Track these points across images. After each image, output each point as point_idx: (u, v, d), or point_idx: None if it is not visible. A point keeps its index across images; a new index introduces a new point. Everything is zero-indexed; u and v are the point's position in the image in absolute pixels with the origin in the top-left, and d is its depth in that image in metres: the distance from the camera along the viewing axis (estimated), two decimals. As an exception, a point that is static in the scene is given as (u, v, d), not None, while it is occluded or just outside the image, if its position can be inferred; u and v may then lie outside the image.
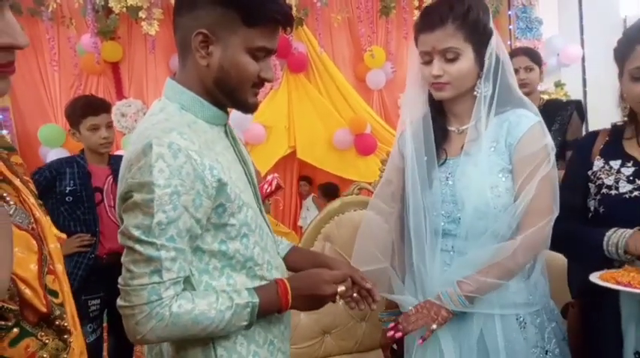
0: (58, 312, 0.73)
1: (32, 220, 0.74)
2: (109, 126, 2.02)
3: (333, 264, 1.05)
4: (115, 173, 1.99)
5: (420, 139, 1.18)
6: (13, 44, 0.63)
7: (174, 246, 0.82)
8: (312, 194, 4.16)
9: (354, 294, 1.02)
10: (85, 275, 1.98)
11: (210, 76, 0.89)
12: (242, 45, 0.87)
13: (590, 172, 1.21)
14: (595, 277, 1.05)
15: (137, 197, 0.81)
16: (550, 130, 1.46)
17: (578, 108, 2.37)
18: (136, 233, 0.81)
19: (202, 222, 0.85)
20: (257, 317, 0.90)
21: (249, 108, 0.95)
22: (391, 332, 1.06)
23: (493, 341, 1.12)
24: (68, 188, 1.95)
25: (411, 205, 1.17)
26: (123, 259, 0.84)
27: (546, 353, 1.13)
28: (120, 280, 0.85)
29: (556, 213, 1.10)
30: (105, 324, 2.14)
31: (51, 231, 0.81)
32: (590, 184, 1.20)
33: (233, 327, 0.88)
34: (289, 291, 0.92)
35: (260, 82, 0.92)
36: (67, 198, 1.95)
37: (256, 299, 0.89)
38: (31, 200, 0.77)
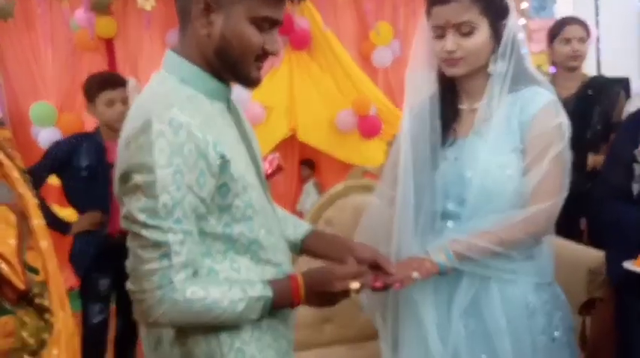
0: (37, 290, 0.70)
1: (15, 194, 0.70)
2: (125, 101, 2.00)
3: (357, 249, 1.04)
4: None
5: (425, 120, 1.14)
6: None
7: (182, 228, 0.81)
8: (313, 178, 4.07)
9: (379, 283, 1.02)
10: (96, 253, 1.99)
11: (211, 46, 0.86)
12: (246, 14, 0.84)
13: (636, 151, 1.14)
14: (630, 264, 1.01)
15: (138, 178, 0.79)
16: (593, 109, 1.41)
17: (626, 88, 2.23)
18: (141, 217, 0.79)
19: (207, 201, 0.83)
20: (269, 311, 0.89)
21: (251, 82, 0.91)
22: (372, 283, 1.03)
23: (492, 315, 1.08)
24: (85, 163, 1.96)
25: (399, 188, 1.14)
26: (129, 243, 0.83)
27: (553, 341, 1.12)
28: (128, 264, 0.84)
29: (564, 194, 1.08)
30: (114, 306, 2.15)
31: (35, 207, 0.77)
32: (635, 165, 1.14)
33: (244, 320, 0.88)
34: (301, 287, 0.91)
35: (264, 55, 0.89)
36: (82, 173, 1.96)
37: (270, 294, 0.88)
38: (15, 174, 0.73)
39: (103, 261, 1.99)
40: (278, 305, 0.90)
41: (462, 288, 1.10)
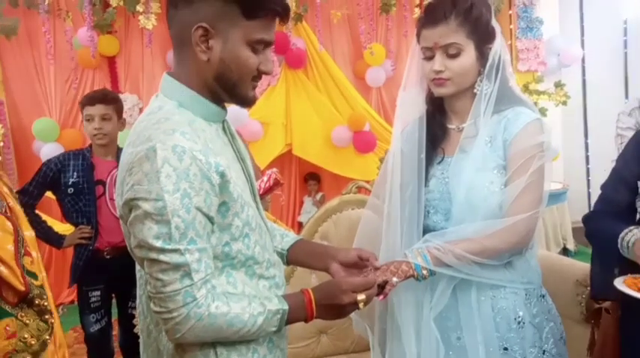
0: (37, 292, 0.72)
1: (6, 207, 0.73)
2: (105, 118, 2.04)
3: (339, 254, 1.06)
4: None
5: (415, 139, 1.18)
6: None
7: (197, 247, 0.82)
8: (321, 193, 4.10)
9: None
10: (84, 266, 2.05)
11: (211, 71, 0.88)
12: (242, 38, 0.87)
13: None
14: (620, 282, 1.01)
15: (146, 206, 0.80)
16: None
17: None
18: (158, 243, 0.80)
19: (214, 219, 0.85)
20: (284, 324, 0.91)
21: (248, 102, 0.94)
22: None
23: (468, 327, 1.11)
24: (71, 180, 2.01)
25: (387, 204, 1.18)
26: (148, 270, 0.84)
27: (544, 353, 1.13)
28: (150, 289, 0.84)
29: (542, 207, 1.10)
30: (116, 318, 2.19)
31: (25, 219, 0.81)
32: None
33: (262, 333, 0.89)
34: (313, 301, 0.93)
35: (259, 75, 0.92)
36: (69, 190, 2.01)
37: (286, 307, 0.91)
38: (4, 190, 0.77)
39: (93, 275, 2.05)
40: (293, 319, 0.92)
41: (437, 292, 1.12)
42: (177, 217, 0.80)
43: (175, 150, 0.80)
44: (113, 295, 2.16)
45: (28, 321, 0.70)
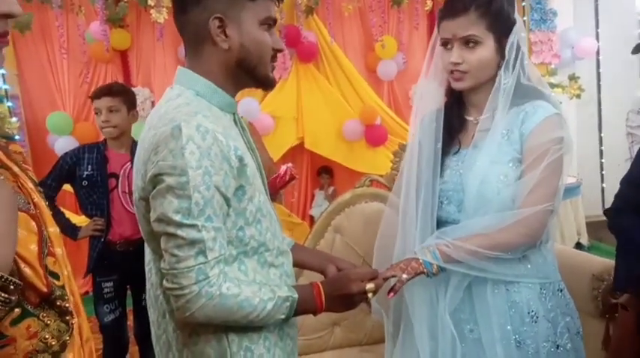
0: (59, 293, 0.72)
1: (31, 204, 0.74)
2: (112, 110, 2.06)
3: (337, 261, 1.10)
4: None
5: (432, 130, 1.18)
6: (10, 12, 0.64)
7: (213, 225, 0.84)
8: (332, 187, 4.09)
9: None
10: (97, 257, 2.09)
11: (233, 58, 0.92)
12: (254, 19, 0.91)
13: None
14: None
15: (170, 180, 0.82)
16: None
17: None
18: (177, 217, 0.83)
19: (230, 201, 0.88)
20: (293, 313, 0.93)
21: (270, 83, 0.97)
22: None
23: (485, 323, 1.10)
24: (86, 173, 2.06)
25: (403, 194, 1.19)
26: (164, 246, 0.86)
27: (557, 348, 1.13)
28: (164, 265, 0.87)
29: (556, 203, 1.09)
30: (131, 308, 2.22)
31: (49, 216, 0.82)
32: None
33: (271, 319, 0.91)
34: (322, 293, 0.95)
35: (274, 55, 0.96)
36: (83, 183, 2.06)
37: (296, 295, 0.93)
38: (30, 185, 0.77)
39: (106, 266, 2.09)
40: (302, 308, 0.94)
41: (451, 287, 1.12)
42: (198, 193, 0.82)
43: (199, 129, 0.83)
44: (128, 286, 2.19)
45: (49, 322, 0.71)
